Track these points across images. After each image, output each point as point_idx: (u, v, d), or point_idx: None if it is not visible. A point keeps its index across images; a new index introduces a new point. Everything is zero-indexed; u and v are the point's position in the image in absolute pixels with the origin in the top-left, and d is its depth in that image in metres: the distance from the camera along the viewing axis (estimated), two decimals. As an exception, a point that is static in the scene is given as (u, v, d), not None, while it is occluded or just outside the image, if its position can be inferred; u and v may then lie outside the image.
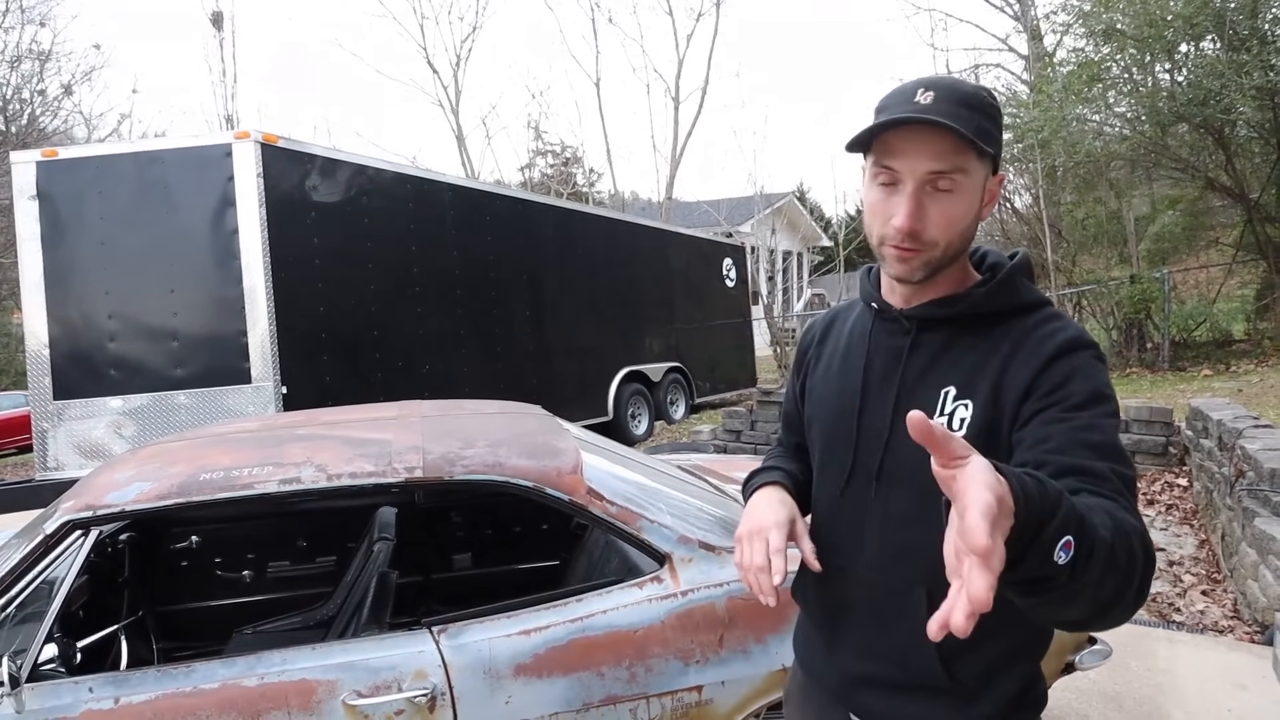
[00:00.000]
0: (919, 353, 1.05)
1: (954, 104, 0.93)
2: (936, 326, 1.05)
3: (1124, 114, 10.58)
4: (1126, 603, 0.75)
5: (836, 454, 1.12)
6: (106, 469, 2.01)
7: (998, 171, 1.01)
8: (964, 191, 0.96)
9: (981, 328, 1.02)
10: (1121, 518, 0.77)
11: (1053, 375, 0.93)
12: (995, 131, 0.97)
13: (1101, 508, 0.77)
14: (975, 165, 0.96)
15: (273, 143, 5.24)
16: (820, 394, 1.18)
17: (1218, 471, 4.33)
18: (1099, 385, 0.93)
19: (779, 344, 12.15)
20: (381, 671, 1.72)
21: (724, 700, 1.88)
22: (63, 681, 1.63)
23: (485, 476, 1.94)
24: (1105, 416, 0.90)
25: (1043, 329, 0.98)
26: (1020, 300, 1.02)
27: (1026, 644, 1.03)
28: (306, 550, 3.11)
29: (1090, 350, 0.96)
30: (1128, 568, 0.74)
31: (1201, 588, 3.87)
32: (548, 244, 8.15)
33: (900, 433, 1.02)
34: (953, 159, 0.94)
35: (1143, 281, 10.03)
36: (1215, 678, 2.96)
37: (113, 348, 5.02)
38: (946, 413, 1.00)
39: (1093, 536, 0.70)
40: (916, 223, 0.96)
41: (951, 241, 0.99)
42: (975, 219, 1.00)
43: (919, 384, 1.04)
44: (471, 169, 20.44)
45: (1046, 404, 0.92)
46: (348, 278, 5.86)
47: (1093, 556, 0.70)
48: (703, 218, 18.34)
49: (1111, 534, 0.73)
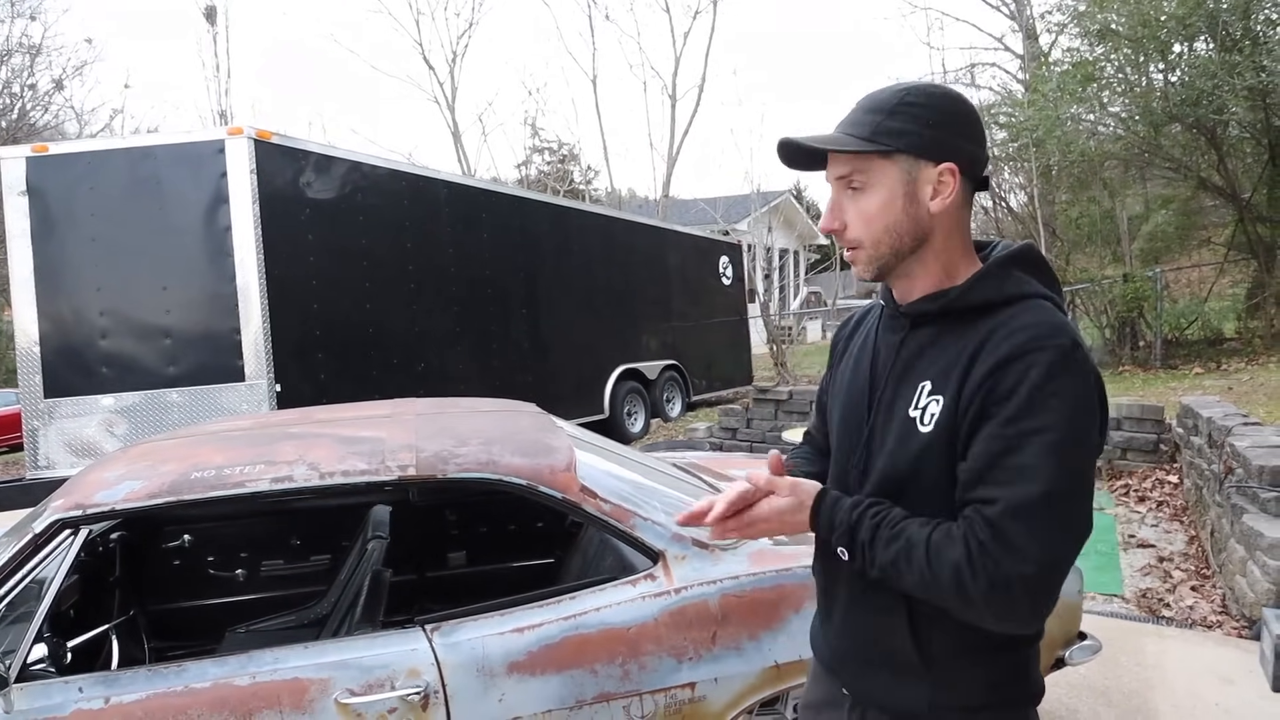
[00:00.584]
0: (908, 348, 1.08)
1: (861, 111, 1.03)
2: (926, 322, 1.07)
3: (1118, 114, 10.62)
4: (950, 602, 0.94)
5: (843, 446, 1.16)
6: (96, 468, 2.01)
7: (945, 161, 1.00)
8: (874, 188, 1.02)
9: (966, 322, 1.02)
10: (940, 553, 0.93)
11: (1000, 380, 0.93)
12: (910, 125, 0.99)
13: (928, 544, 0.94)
14: (880, 164, 1.01)
15: (266, 139, 5.22)
16: (838, 387, 1.22)
17: (1207, 468, 4.35)
18: (1040, 396, 0.91)
19: (775, 342, 12.14)
20: (374, 670, 1.72)
21: (717, 697, 1.89)
22: (52, 681, 1.63)
23: (478, 474, 1.94)
24: (1033, 434, 0.90)
25: (1012, 324, 0.97)
26: (1003, 293, 1.01)
27: (999, 634, 1.00)
28: (300, 549, 3.10)
29: (1049, 351, 0.92)
30: (919, 583, 0.95)
31: (1191, 583, 3.89)
32: (544, 241, 8.14)
33: (879, 425, 1.09)
34: (850, 163, 1.03)
35: (1136, 280, 10.07)
36: (1203, 672, 2.98)
37: (104, 345, 5.00)
38: (920, 407, 1.02)
39: (869, 556, 0.99)
40: (831, 223, 1.07)
41: (878, 237, 1.03)
42: (906, 213, 1.02)
43: (904, 379, 1.07)
44: (468, 166, 20.40)
45: (989, 414, 0.94)
46: (342, 275, 5.84)
47: (872, 566, 0.99)
48: (699, 215, 18.33)
49: (897, 551, 0.96)
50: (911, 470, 1.03)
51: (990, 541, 0.89)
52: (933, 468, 1.01)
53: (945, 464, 1.00)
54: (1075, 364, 0.93)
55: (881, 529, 0.99)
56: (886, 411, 1.08)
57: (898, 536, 0.97)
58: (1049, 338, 0.93)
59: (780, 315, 18.05)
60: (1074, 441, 0.91)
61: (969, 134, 1.03)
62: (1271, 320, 9.47)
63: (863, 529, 1.00)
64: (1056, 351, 0.92)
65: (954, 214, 1.04)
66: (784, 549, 2.09)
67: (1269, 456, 3.51)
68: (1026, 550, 0.88)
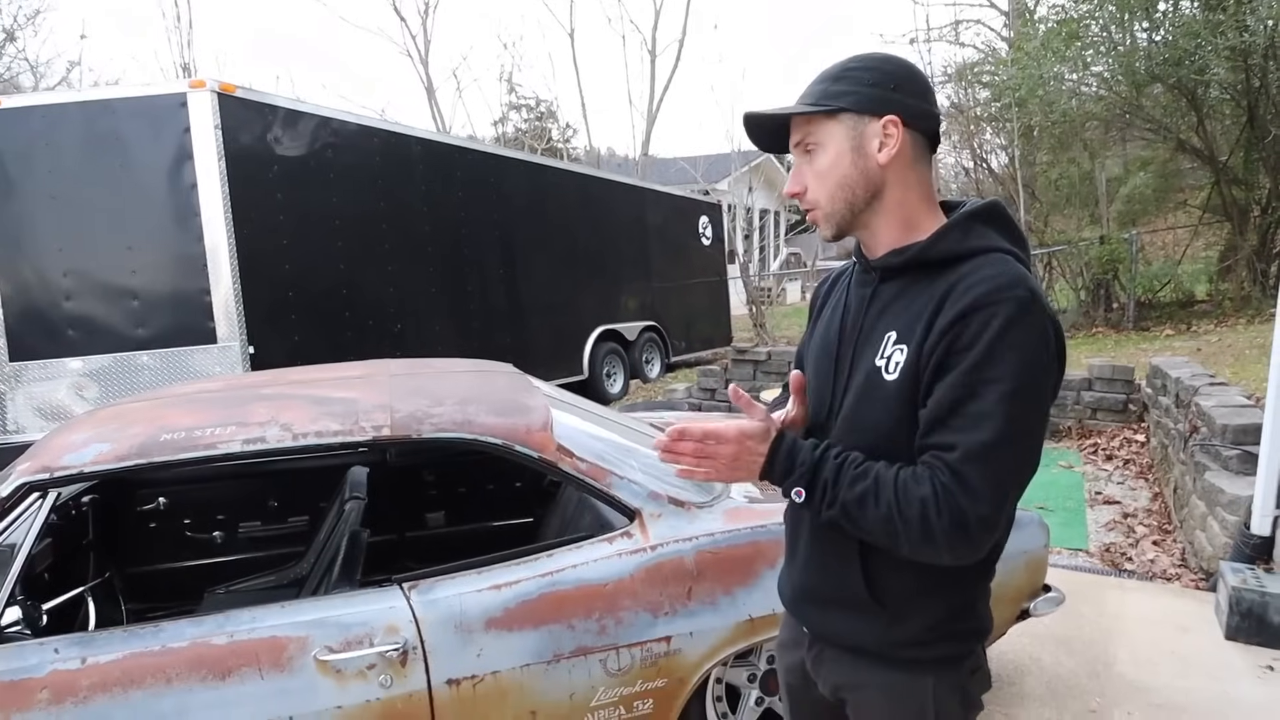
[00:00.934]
0: (877, 301, 1.12)
1: (812, 84, 1.11)
2: (893, 275, 1.11)
3: (1100, 73, 10.58)
4: (911, 537, 0.98)
5: (816, 398, 1.21)
6: (64, 430, 1.98)
7: (887, 114, 1.05)
8: (825, 149, 1.08)
9: (930, 275, 1.06)
10: (908, 490, 0.98)
11: (962, 331, 0.98)
12: (850, 86, 1.06)
13: (896, 482, 0.99)
14: (826, 124, 1.08)
15: (230, 92, 5.07)
16: (814, 341, 1.26)
17: (1174, 427, 4.45)
18: (999, 346, 0.95)
19: (755, 303, 12.15)
20: (353, 627, 1.73)
21: (692, 650, 1.93)
22: (27, 643, 1.63)
23: (454, 434, 1.94)
24: (990, 382, 0.96)
25: (973, 276, 1.00)
26: (966, 247, 1.05)
27: (951, 573, 1.07)
28: (277, 510, 3.10)
29: (1009, 303, 0.96)
30: (883, 518, 0.99)
31: (1153, 538, 4.00)
32: (522, 201, 8.03)
33: (847, 375, 1.13)
34: (802, 128, 1.10)
35: (1112, 243, 10.16)
36: (1161, 622, 3.09)
37: (69, 307, 4.89)
38: (886, 356, 1.07)
39: (832, 496, 1.03)
40: (793, 186, 1.13)
41: (832, 192, 1.09)
42: (855, 166, 1.07)
43: (872, 330, 1.11)
44: (442, 123, 20.00)
45: (950, 364, 0.99)
46: (314, 235, 5.73)
47: (832, 506, 1.03)
48: (679, 175, 18.16)
49: (863, 490, 1.01)
50: (879, 418, 1.07)
51: (951, 483, 0.96)
52: (898, 415, 1.05)
53: (908, 411, 1.04)
54: (1033, 315, 0.97)
55: (846, 468, 1.04)
56: (855, 362, 1.12)
57: (864, 475, 1.02)
58: (1008, 289, 0.97)
59: (760, 276, 18.04)
60: (1028, 390, 0.96)
61: (911, 89, 1.07)
62: (1242, 283, 9.60)
63: (826, 467, 1.05)
64: (1015, 303, 0.96)
65: (906, 167, 1.08)
66: (758, 506, 2.12)
67: (1232, 416, 3.59)
68: (982, 492, 0.95)
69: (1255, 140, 9.37)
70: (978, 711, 1.17)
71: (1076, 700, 2.58)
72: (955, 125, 12.82)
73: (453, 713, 1.76)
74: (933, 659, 1.12)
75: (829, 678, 1.22)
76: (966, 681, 1.14)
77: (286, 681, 1.66)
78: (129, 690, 1.59)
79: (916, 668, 1.12)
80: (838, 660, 1.20)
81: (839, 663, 1.20)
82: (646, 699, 1.92)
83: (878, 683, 1.15)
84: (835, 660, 1.20)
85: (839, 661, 1.20)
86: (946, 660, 1.13)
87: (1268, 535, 3.03)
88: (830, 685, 1.22)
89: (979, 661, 1.16)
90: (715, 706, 2.13)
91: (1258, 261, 9.49)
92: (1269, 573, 2.97)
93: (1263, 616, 2.84)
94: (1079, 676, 2.73)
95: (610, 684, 1.87)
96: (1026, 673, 2.75)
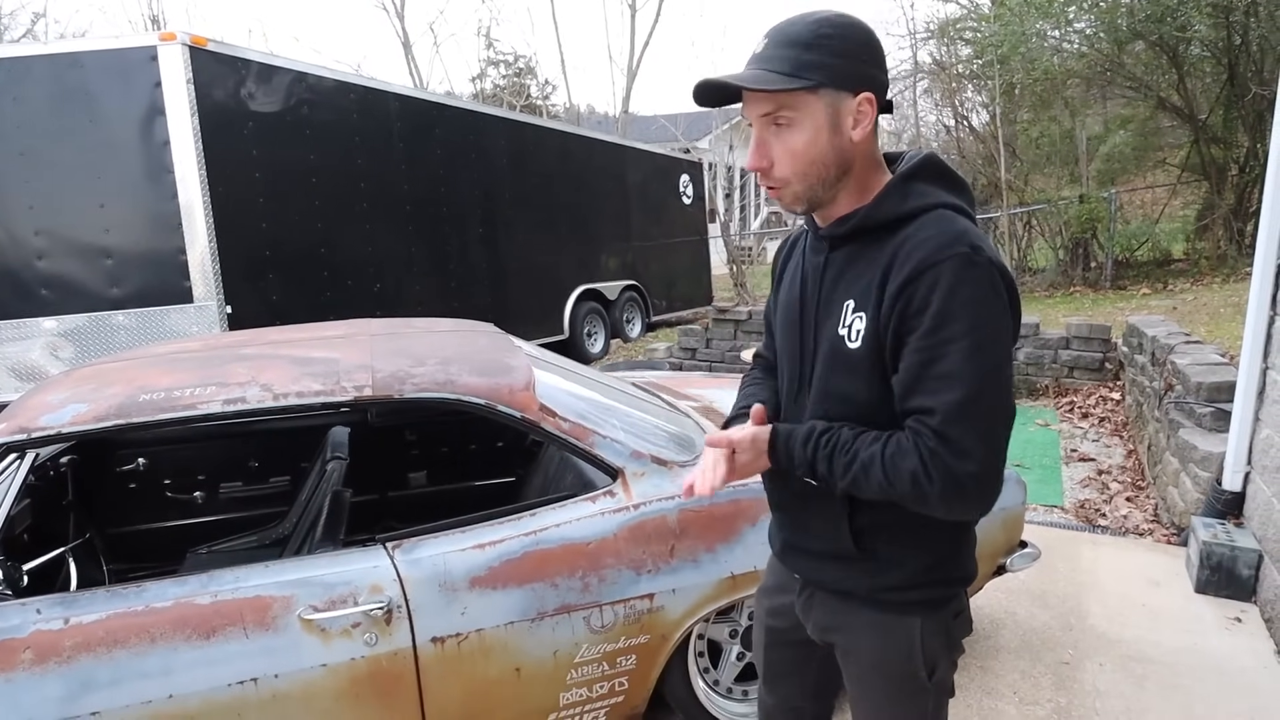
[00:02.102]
0: (830, 270, 1.14)
1: (777, 46, 1.03)
2: (842, 243, 1.12)
3: (1083, 30, 10.52)
4: (908, 502, 1.03)
5: (786, 369, 1.25)
6: (40, 391, 1.95)
7: (863, 90, 1.03)
8: (800, 124, 1.03)
9: (878, 240, 1.07)
10: (896, 465, 1.01)
11: (913, 295, 0.99)
12: (827, 58, 1.01)
13: (883, 458, 1.02)
14: (804, 98, 1.02)
15: (202, 45, 4.92)
16: (779, 310, 1.27)
17: (1149, 385, 4.52)
18: (951, 304, 0.97)
19: (735, 262, 12.13)
20: (337, 586, 1.74)
21: (674, 606, 1.95)
22: (9, 604, 1.62)
23: (436, 394, 1.93)
24: (951, 342, 0.97)
25: (915, 238, 1.02)
26: (906, 208, 1.05)
27: (933, 524, 1.10)
28: (259, 471, 3.09)
29: (952, 260, 0.98)
30: (880, 492, 1.03)
31: (1126, 494, 4.09)
32: (500, 158, 7.91)
33: (814, 345, 1.15)
34: (774, 99, 1.03)
35: (1091, 201, 10.20)
36: (1133, 576, 3.17)
37: (42, 266, 4.79)
38: (847, 325, 1.08)
39: (831, 482, 1.08)
40: (759, 161, 1.07)
41: (805, 171, 1.06)
42: (830, 144, 1.05)
43: (830, 299, 1.13)
44: (420, 79, 19.56)
45: (908, 328, 1.00)
46: (291, 192, 5.63)
47: (837, 484, 1.07)
48: (660, 133, 17.96)
49: (855, 473, 1.04)
50: (848, 385, 1.10)
51: (939, 447, 0.98)
52: (866, 381, 1.08)
53: (877, 376, 1.07)
54: (977, 268, 0.98)
55: (836, 456, 1.07)
56: (819, 332, 1.14)
57: (852, 460, 1.05)
58: (949, 247, 0.99)
59: (740, 235, 17.98)
60: (989, 341, 0.98)
61: (876, 62, 1.06)
62: (1219, 241, 9.70)
63: (819, 461, 1.09)
64: (958, 260, 0.98)
65: (870, 140, 1.08)
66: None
67: (1207, 373, 3.65)
68: (972, 450, 0.97)
69: (1235, 98, 9.39)
70: (959, 653, 1.23)
71: (1050, 652, 2.65)
72: (937, 83, 12.72)
73: (438, 670, 1.78)
74: (919, 601, 1.16)
75: (819, 620, 1.26)
76: (950, 623, 1.19)
77: (271, 640, 1.67)
78: (113, 650, 1.59)
79: (904, 609, 1.17)
80: (827, 604, 1.24)
81: (828, 606, 1.24)
82: (629, 655, 1.95)
83: (866, 623, 1.19)
84: (825, 604, 1.24)
85: (828, 605, 1.24)
86: (932, 603, 1.17)
87: (1239, 491, 3.11)
88: (819, 628, 1.27)
89: (962, 605, 1.21)
90: (697, 662, 2.17)
91: (1234, 220, 9.58)
92: (1239, 527, 3.05)
93: (1232, 570, 2.92)
94: (1053, 630, 2.80)
95: (594, 641, 1.90)
96: (1002, 626, 2.83)
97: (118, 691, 1.58)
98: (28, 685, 1.53)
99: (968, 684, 2.45)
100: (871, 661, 1.21)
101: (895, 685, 1.20)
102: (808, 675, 1.37)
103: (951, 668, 1.22)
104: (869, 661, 1.21)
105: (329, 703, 1.71)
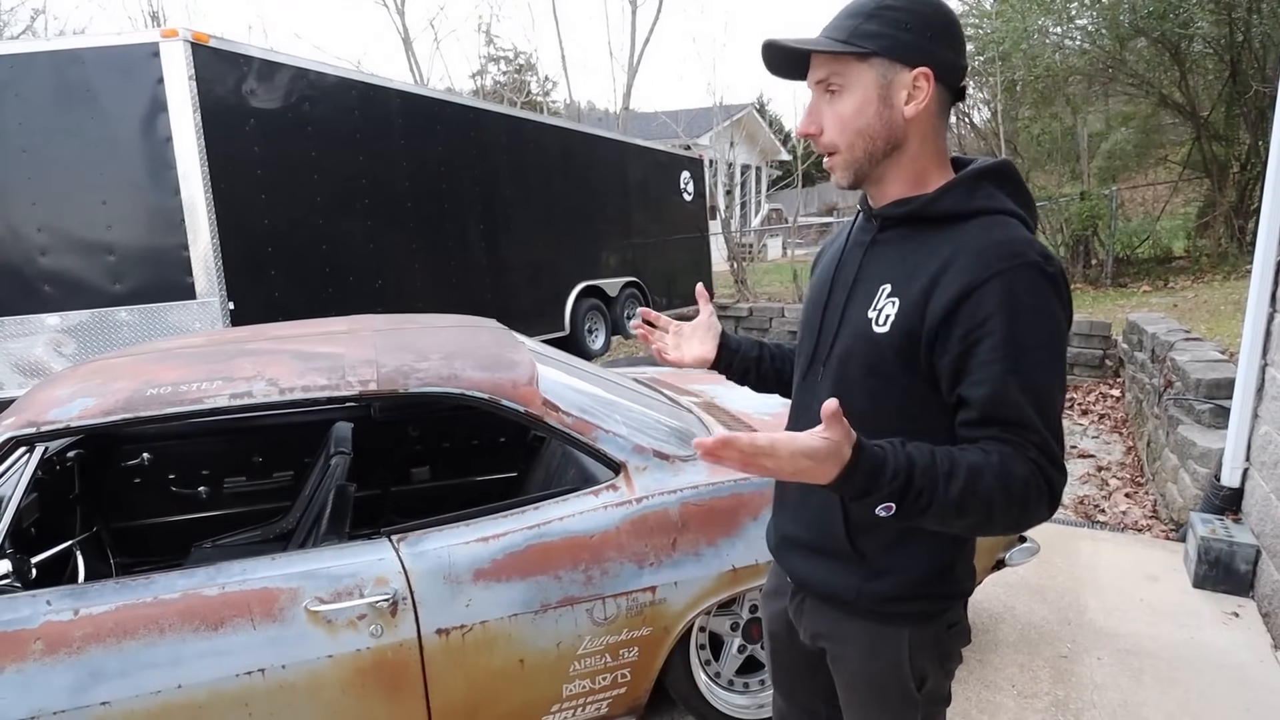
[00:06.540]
0: (876, 250, 1.11)
1: (842, 17, 1.03)
2: (894, 225, 1.09)
3: (1085, 26, 10.52)
4: (995, 530, 0.96)
5: (803, 342, 1.22)
6: (48, 385, 1.97)
7: (920, 65, 1.00)
8: (849, 92, 1.03)
9: (932, 229, 1.04)
10: (1008, 471, 0.91)
11: (981, 303, 0.95)
12: (886, 28, 0.99)
13: (988, 467, 0.91)
14: (855, 67, 1.02)
15: (204, 42, 4.92)
16: (809, 289, 1.26)
17: (1149, 382, 4.54)
18: (1030, 315, 0.95)
19: (736, 259, 12.14)
20: (343, 579, 1.75)
21: (676, 599, 1.97)
22: (19, 595, 1.64)
23: (440, 389, 1.95)
24: (1029, 350, 0.95)
25: (979, 240, 0.98)
26: (970, 205, 1.02)
27: (929, 534, 1.06)
28: (263, 466, 3.11)
29: (1026, 268, 0.95)
30: (987, 497, 0.90)
31: (1125, 491, 4.11)
32: (502, 155, 7.91)
33: (837, 324, 1.12)
34: (827, 65, 1.03)
35: (1092, 199, 10.20)
36: (1131, 571, 3.19)
37: (45, 262, 4.80)
38: (878, 308, 1.05)
39: (926, 502, 0.89)
40: (809, 126, 1.07)
41: (852, 140, 1.04)
42: (879, 116, 1.02)
43: (867, 279, 1.09)
44: (420, 75, 19.52)
45: (978, 336, 0.95)
46: (293, 189, 5.63)
47: (926, 511, 0.90)
48: (660, 129, 17.94)
49: (958, 502, 0.89)
50: (865, 368, 1.07)
51: (1041, 459, 0.94)
52: (887, 368, 1.04)
53: (899, 366, 1.03)
54: (1047, 278, 0.96)
55: (939, 475, 0.90)
56: (846, 312, 1.11)
57: (954, 472, 0.91)
58: (1022, 255, 0.96)
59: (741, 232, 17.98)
60: (1059, 351, 0.98)
61: (947, 41, 1.02)
62: (1219, 239, 9.70)
63: (917, 474, 0.89)
64: (1032, 269, 0.95)
65: (929, 121, 1.04)
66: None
67: (1206, 370, 3.67)
68: (1060, 460, 0.96)
69: (1237, 95, 9.38)
70: (956, 665, 1.19)
71: (1049, 647, 2.67)
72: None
73: (442, 661, 1.80)
74: (909, 614, 1.13)
75: (809, 626, 1.24)
76: (943, 635, 1.15)
77: (278, 631, 1.69)
78: (122, 641, 1.61)
79: (892, 620, 1.13)
80: (817, 610, 1.21)
81: (818, 612, 1.21)
82: (632, 647, 1.97)
83: (854, 632, 1.16)
84: (815, 610, 1.22)
85: (818, 611, 1.21)
86: (923, 615, 1.13)
87: (1237, 487, 3.13)
88: (810, 634, 1.24)
89: (957, 617, 1.17)
90: (699, 654, 2.19)
91: (1235, 218, 9.58)
92: (1237, 523, 3.07)
93: (1229, 565, 2.94)
94: (1051, 624, 2.82)
95: (596, 633, 1.92)
96: (1001, 620, 2.84)
97: (127, 682, 1.60)
98: (39, 675, 1.55)
99: (966, 677, 2.47)
100: (858, 670, 1.18)
101: (881, 695, 1.17)
102: (818, 679, 1.31)
103: (946, 678, 1.18)
104: (856, 670, 1.18)
105: (335, 693, 1.73)
